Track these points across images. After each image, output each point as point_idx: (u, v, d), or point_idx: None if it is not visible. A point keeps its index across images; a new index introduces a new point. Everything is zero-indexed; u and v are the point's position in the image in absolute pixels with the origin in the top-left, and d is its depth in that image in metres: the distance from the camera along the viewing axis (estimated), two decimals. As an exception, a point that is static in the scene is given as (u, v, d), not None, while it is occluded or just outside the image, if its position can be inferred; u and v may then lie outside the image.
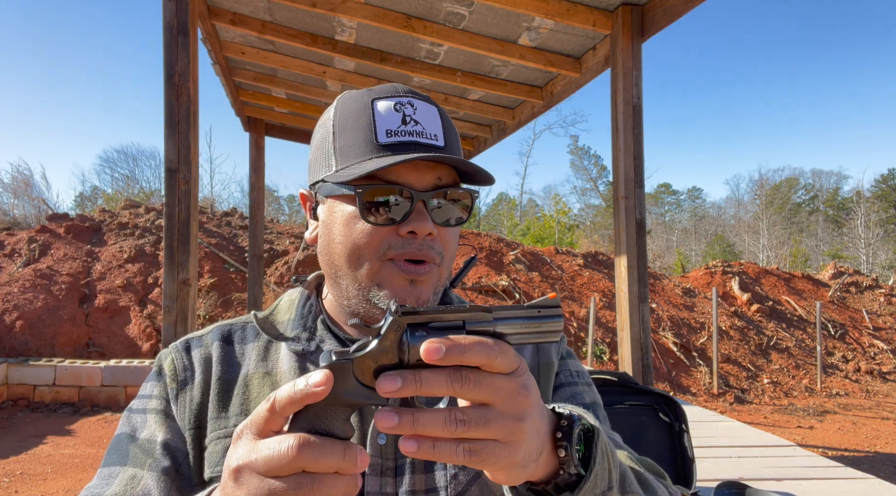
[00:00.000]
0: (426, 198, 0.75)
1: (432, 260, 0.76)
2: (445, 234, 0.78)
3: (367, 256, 0.75)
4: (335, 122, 0.79)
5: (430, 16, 4.47)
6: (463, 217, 0.80)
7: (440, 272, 0.79)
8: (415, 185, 0.75)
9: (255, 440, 0.49)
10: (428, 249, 0.75)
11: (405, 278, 0.75)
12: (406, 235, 0.75)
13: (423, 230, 0.74)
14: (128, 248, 10.47)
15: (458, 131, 0.87)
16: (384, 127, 0.76)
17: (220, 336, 0.86)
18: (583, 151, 43.48)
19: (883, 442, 7.41)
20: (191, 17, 3.70)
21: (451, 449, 0.48)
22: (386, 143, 0.75)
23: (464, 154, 8.21)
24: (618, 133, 4.04)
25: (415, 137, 0.76)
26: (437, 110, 0.81)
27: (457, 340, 0.48)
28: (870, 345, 12.61)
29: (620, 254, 4.02)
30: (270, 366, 0.82)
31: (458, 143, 0.83)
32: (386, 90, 0.80)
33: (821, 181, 48.75)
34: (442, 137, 0.79)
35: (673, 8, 3.75)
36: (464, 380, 0.48)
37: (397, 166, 0.75)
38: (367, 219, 0.74)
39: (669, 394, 2.14)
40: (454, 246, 0.81)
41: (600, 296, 12.07)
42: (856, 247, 34.11)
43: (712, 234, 41.29)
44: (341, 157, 0.77)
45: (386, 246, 0.75)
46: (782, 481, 3.04)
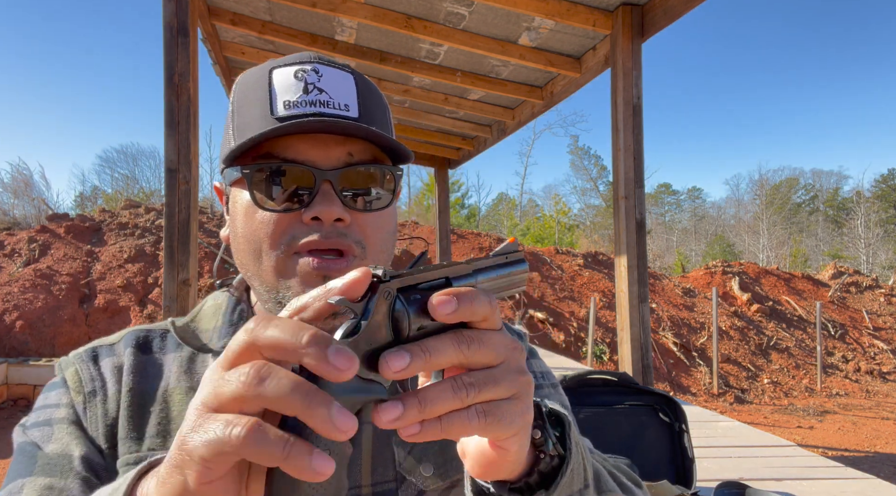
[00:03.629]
0: (332, 177, 0.64)
1: (349, 250, 0.65)
2: (364, 221, 0.67)
3: (269, 250, 0.65)
4: (234, 99, 0.70)
5: (430, 16, 4.47)
6: (385, 200, 0.69)
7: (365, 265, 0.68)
8: (319, 163, 0.64)
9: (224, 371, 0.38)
10: (338, 237, 0.64)
11: (316, 274, 0.63)
12: (311, 222, 0.64)
13: (328, 214, 0.63)
14: (128, 247, 10.47)
15: (387, 106, 0.75)
16: (282, 98, 0.65)
17: (134, 342, 0.73)
18: (583, 151, 43.50)
19: (883, 442, 7.41)
20: (191, 17, 3.70)
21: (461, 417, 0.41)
22: (283, 115, 0.64)
23: (463, 154, 8.24)
24: (618, 133, 4.04)
25: (318, 108, 0.65)
26: (354, 79, 0.69)
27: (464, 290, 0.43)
28: (870, 345, 12.61)
29: (620, 254, 4.02)
30: (196, 379, 0.70)
31: (381, 116, 0.72)
32: (289, 58, 0.70)
33: (821, 181, 48.77)
34: (355, 108, 0.67)
35: (673, 8, 3.75)
36: (470, 340, 0.42)
37: (297, 142, 0.64)
38: (263, 205, 0.64)
39: (669, 394, 2.14)
40: (383, 235, 0.69)
41: (600, 296, 12.07)
42: (856, 247, 34.12)
43: (712, 234, 41.29)
44: (237, 137, 0.66)
45: (289, 236, 0.64)
46: (782, 481, 3.04)
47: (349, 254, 0.65)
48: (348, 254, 0.65)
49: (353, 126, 0.63)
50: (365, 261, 0.67)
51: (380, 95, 0.74)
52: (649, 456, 2.03)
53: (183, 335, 0.74)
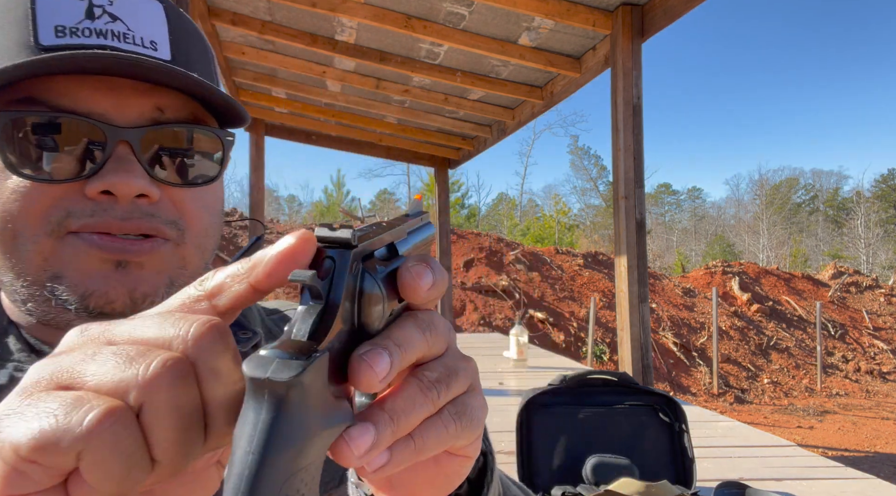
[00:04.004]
0: (133, 138, 0.47)
1: (158, 233, 0.49)
2: (182, 198, 0.51)
3: (28, 233, 0.46)
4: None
5: (430, 16, 4.47)
6: (211, 173, 0.53)
7: (181, 254, 0.51)
8: (113, 117, 0.47)
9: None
10: (143, 218, 0.47)
11: (102, 257, 0.47)
12: (99, 197, 0.46)
13: (126, 188, 0.46)
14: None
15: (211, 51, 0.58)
16: (52, 20, 0.46)
17: None
18: (583, 151, 43.51)
19: (883, 442, 7.41)
20: (191, 17, 3.70)
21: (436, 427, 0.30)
22: (53, 45, 0.46)
23: (463, 154, 8.24)
24: (618, 133, 4.04)
25: (109, 40, 0.47)
26: (163, 7, 0.51)
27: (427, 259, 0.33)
28: (870, 345, 12.62)
29: (620, 255, 4.02)
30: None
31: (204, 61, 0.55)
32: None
33: (821, 181, 48.79)
34: (166, 47, 0.50)
35: (673, 8, 3.75)
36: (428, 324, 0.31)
37: (78, 85, 0.46)
38: (20, 170, 0.45)
39: (669, 394, 2.15)
40: (207, 215, 0.53)
41: (600, 296, 12.07)
42: (856, 247, 34.14)
43: (712, 234, 41.32)
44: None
45: (61, 213, 0.46)
46: (782, 481, 3.04)
47: (158, 237, 0.49)
48: (157, 237, 0.49)
49: (167, 69, 0.46)
50: (183, 249, 0.50)
51: (201, 36, 0.56)
52: (649, 456, 2.04)
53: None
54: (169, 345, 0.24)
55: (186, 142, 0.51)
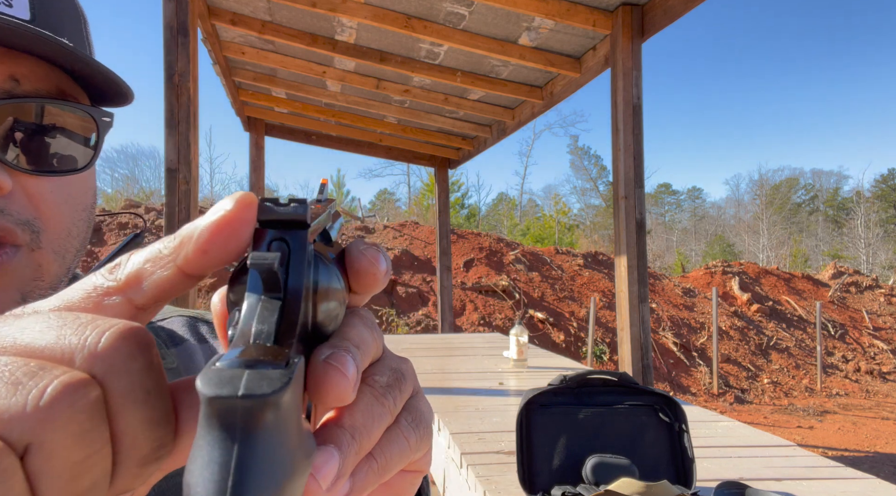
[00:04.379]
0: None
1: (10, 237, 0.39)
2: (40, 190, 0.41)
3: None
4: None
5: (430, 16, 4.47)
6: (78, 157, 0.44)
7: (37, 261, 0.41)
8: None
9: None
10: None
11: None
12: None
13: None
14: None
15: (82, 15, 0.48)
16: None
17: None
18: (583, 151, 43.51)
19: (883, 442, 7.41)
20: (191, 17, 3.70)
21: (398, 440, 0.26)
22: None
23: (463, 154, 8.25)
24: (618, 133, 4.04)
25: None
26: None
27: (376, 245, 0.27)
28: (870, 345, 12.62)
29: (620, 254, 4.03)
30: None
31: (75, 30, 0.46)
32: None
33: (821, 181, 48.79)
34: (25, 5, 0.40)
35: (673, 8, 3.75)
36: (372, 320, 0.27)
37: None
38: None
39: (669, 394, 2.15)
40: (69, 209, 0.43)
41: (600, 296, 12.07)
42: (856, 247, 34.14)
43: (712, 234, 41.32)
44: None
45: None
46: (782, 481, 3.04)
47: (8, 242, 0.39)
48: (6, 242, 0.39)
49: (25, 30, 0.37)
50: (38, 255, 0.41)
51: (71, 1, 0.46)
52: (649, 456, 2.04)
53: None
54: (69, 360, 0.17)
55: (48, 120, 0.41)
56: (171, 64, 3.60)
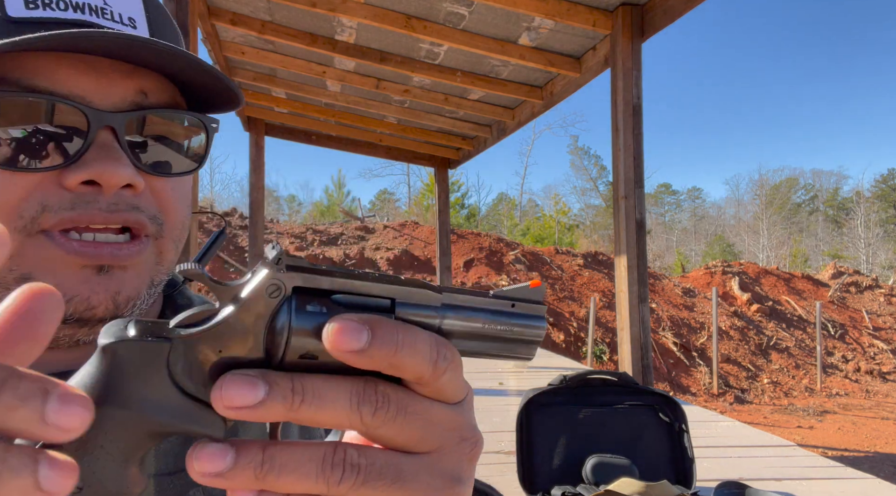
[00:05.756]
0: (118, 123, 0.43)
1: (142, 228, 0.45)
2: (164, 189, 0.47)
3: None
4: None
5: (430, 16, 4.47)
6: (194, 161, 0.49)
7: (160, 249, 0.47)
8: (94, 100, 0.42)
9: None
10: (128, 211, 0.43)
11: (80, 263, 0.42)
12: (80, 188, 0.42)
13: (113, 178, 0.42)
14: (128, 248, 10.49)
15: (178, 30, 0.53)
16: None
17: None
18: (583, 151, 43.52)
19: (883, 442, 7.41)
20: (191, 17, 3.70)
21: None
22: (23, 18, 0.41)
23: (463, 154, 8.25)
24: (618, 133, 4.04)
25: (87, 15, 0.43)
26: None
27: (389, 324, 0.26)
28: (870, 345, 12.62)
29: (620, 254, 4.02)
30: None
31: (177, 42, 0.51)
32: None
33: (821, 181, 48.81)
34: (144, 24, 0.46)
35: (673, 8, 3.75)
36: (380, 401, 0.26)
37: (55, 64, 0.42)
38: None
39: (669, 394, 2.15)
40: (183, 208, 0.49)
41: (600, 296, 12.07)
42: (856, 247, 34.16)
43: (712, 234, 41.33)
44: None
45: (36, 207, 0.41)
46: (782, 481, 3.04)
47: (142, 234, 0.45)
48: (140, 234, 0.45)
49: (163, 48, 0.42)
50: (161, 244, 0.47)
51: (170, 16, 0.52)
52: (649, 456, 2.04)
53: None
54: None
55: (170, 128, 0.47)
56: (171, 64, 3.61)
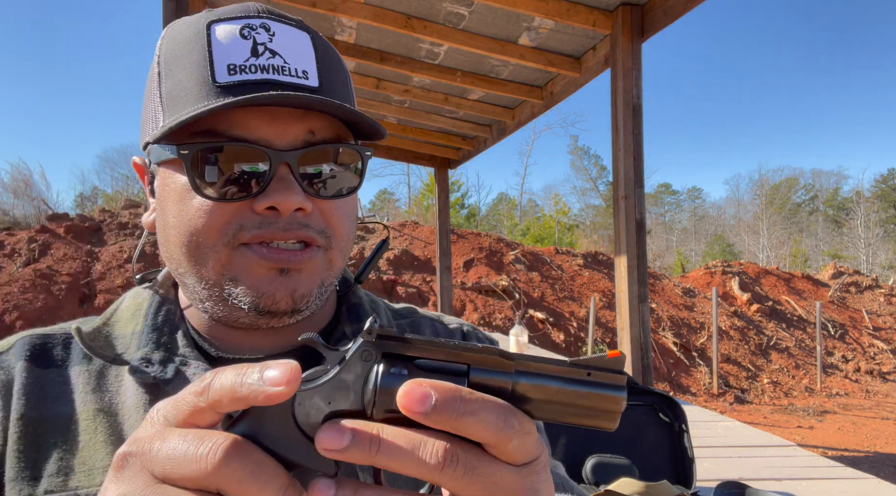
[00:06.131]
0: (291, 159, 0.54)
1: (312, 241, 0.56)
2: (329, 209, 0.58)
3: (210, 243, 0.55)
4: (161, 58, 0.58)
5: (430, 16, 4.47)
6: (353, 184, 0.60)
7: (329, 258, 0.59)
8: (274, 142, 0.54)
9: (167, 425, 0.34)
10: (300, 228, 0.55)
11: (269, 266, 0.55)
12: (265, 212, 0.54)
13: (287, 204, 0.53)
14: (128, 248, 10.47)
15: (346, 70, 0.65)
16: (225, 60, 0.54)
17: (27, 354, 0.58)
18: (583, 151, 43.51)
19: (883, 442, 7.41)
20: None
21: None
22: (227, 83, 0.53)
23: (463, 154, 8.24)
24: (618, 133, 4.04)
25: (270, 74, 0.54)
26: (310, 38, 0.59)
27: (459, 390, 0.31)
28: (870, 345, 12.62)
29: (620, 254, 4.02)
30: (108, 399, 0.57)
31: (343, 84, 0.61)
32: (231, 10, 0.57)
33: (821, 181, 48.80)
34: (315, 75, 0.57)
35: (673, 8, 3.75)
36: (450, 460, 0.31)
37: (246, 115, 0.54)
38: (203, 191, 0.53)
39: (669, 394, 2.15)
40: (348, 223, 0.61)
41: (600, 296, 12.07)
42: (856, 247, 34.15)
43: (712, 234, 41.31)
44: (169, 107, 0.55)
45: (235, 227, 0.54)
46: (782, 481, 3.04)
47: (313, 244, 0.57)
48: (312, 244, 0.57)
49: (319, 100, 0.52)
50: (330, 254, 0.58)
51: (339, 58, 0.63)
52: (649, 456, 2.04)
53: (92, 343, 0.60)
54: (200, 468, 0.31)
55: (333, 159, 0.58)
56: (171, 64, 3.60)
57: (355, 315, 0.67)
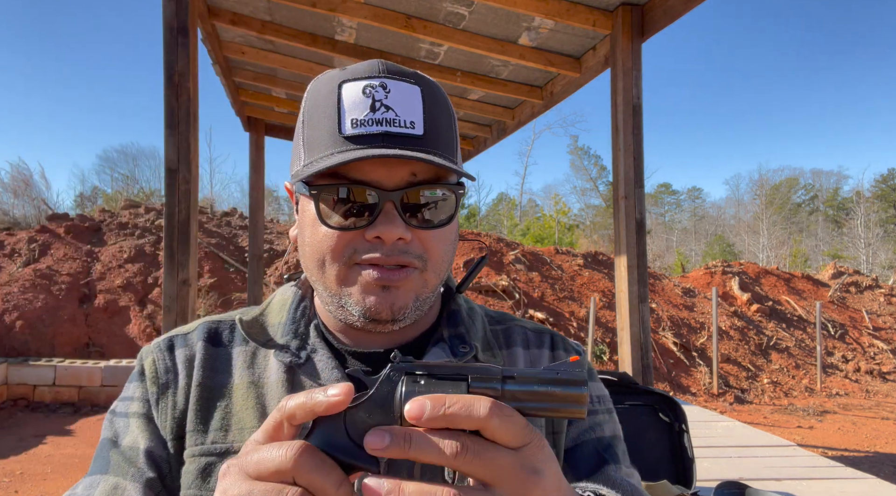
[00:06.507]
0: (394, 198, 0.66)
1: (410, 264, 0.68)
2: (426, 237, 0.69)
3: (332, 261, 0.69)
4: (305, 109, 0.72)
5: (430, 16, 4.47)
6: (447, 217, 0.71)
7: (424, 278, 0.71)
8: (384, 183, 0.66)
9: (258, 445, 0.46)
10: (400, 254, 0.67)
11: (376, 283, 0.67)
12: (373, 240, 0.67)
13: (390, 235, 0.65)
14: (128, 247, 10.47)
15: (452, 112, 0.77)
16: (350, 116, 0.66)
17: (206, 334, 0.78)
18: (583, 151, 43.50)
19: (883, 442, 7.41)
20: (191, 17, 3.70)
21: None
22: (351, 134, 0.66)
23: (463, 154, 8.23)
24: (618, 133, 4.04)
25: (385, 127, 0.66)
26: (420, 91, 0.70)
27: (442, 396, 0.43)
28: (870, 345, 12.62)
29: (620, 254, 4.02)
30: (257, 375, 0.74)
31: (447, 127, 0.73)
32: (359, 70, 0.69)
33: (821, 181, 48.78)
34: (421, 124, 0.68)
35: (673, 8, 3.75)
36: (459, 448, 0.41)
37: (363, 162, 0.66)
38: (327, 222, 0.67)
39: (669, 394, 2.14)
40: (443, 247, 0.72)
41: (600, 296, 12.07)
42: (856, 247, 34.13)
43: (712, 233, 41.29)
44: (308, 151, 0.69)
45: (351, 250, 0.68)
46: (782, 481, 3.04)
47: (410, 266, 0.69)
48: (409, 267, 0.69)
49: (423, 157, 0.65)
50: (425, 274, 0.71)
51: (446, 105, 0.75)
52: (649, 456, 2.03)
53: (249, 330, 0.77)
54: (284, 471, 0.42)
55: (431, 196, 0.69)
56: (171, 64, 3.60)
57: (454, 320, 0.80)
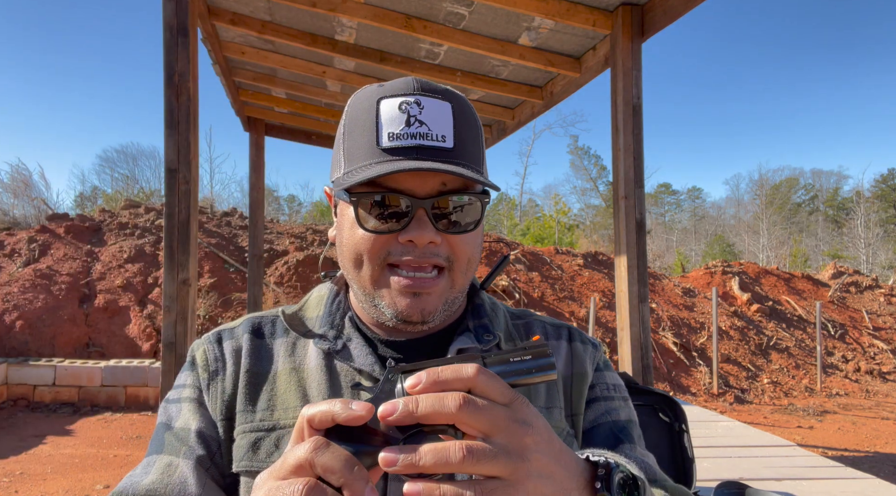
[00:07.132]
0: (426, 205, 0.72)
1: (440, 266, 0.75)
2: (455, 241, 0.76)
3: (368, 261, 0.75)
4: (345, 121, 0.79)
5: (430, 16, 4.47)
6: (473, 223, 0.77)
7: (452, 279, 0.78)
8: (416, 192, 0.73)
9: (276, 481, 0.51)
10: (431, 257, 0.74)
11: (407, 290, 0.74)
12: (406, 244, 0.73)
13: (421, 240, 0.72)
14: (128, 247, 10.47)
15: (479, 126, 0.82)
16: (387, 130, 0.73)
17: (250, 328, 0.87)
18: (583, 151, 43.51)
19: (883, 442, 7.41)
20: (191, 17, 3.70)
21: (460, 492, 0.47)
22: (388, 147, 0.72)
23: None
24: (618, 133, 4.04)
25: (418, 140, 0.72)
26: (451, 107, 0.76)
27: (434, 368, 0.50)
28: (870, 345, 12.62)
29: (620, 254, 4.02)
30: (297, 361, 0.82)
31: (474, 140, 0.79)
32: (396, 87, 0.76)
33: (821, 181, 48.79)
34: (451, 138, 0.74)
35: (673, 8, 3.75)
36: (462, 401, 0.48)
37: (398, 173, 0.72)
38: (365, 227, 0.74)
39: (669, 394, 2.14)
40: (470, 250, 0.79)
41: (600, 296, 12.06)
42: (856, 247, 34.12)
43: (712, 233, 41.28)
44: (348, 160, 0.76)
45: (385, 252, 0.75)
46: (782, 481, 3.04)
47: (438, 266, 0.76)
48: (438, 266, 0.76)
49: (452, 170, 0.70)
50: (452, 275, 0.78)
51: (474, 119, 0.80)
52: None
53: (291, 322, 0.87)
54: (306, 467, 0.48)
55: (458, 204, 0.75)
56: (171, 64, 3.60)
57: (478, 313, 0.89)
